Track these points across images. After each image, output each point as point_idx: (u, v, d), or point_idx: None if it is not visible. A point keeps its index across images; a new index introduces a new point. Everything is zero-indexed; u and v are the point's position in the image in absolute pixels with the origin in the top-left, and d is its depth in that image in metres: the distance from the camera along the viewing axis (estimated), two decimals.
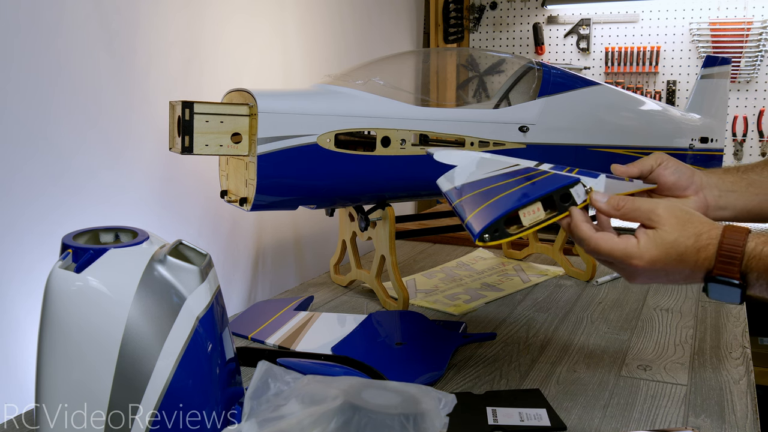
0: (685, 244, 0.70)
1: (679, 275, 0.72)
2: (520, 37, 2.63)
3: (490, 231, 0.71)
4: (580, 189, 0.74)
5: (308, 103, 1.04)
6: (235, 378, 0.77)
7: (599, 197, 0.76)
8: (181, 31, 1.16)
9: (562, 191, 0.74)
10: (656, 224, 0.72)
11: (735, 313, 1.21)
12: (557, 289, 1.38)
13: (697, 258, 0.70)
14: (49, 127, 0.93)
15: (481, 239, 0.71)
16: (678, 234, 0.70)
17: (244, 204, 1.04)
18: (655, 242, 0.71)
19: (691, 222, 0.72)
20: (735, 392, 0.89)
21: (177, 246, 0.70)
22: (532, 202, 0.73)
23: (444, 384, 0.93)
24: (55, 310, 0.64)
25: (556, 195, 0.73)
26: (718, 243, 0.69)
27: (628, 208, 0.74)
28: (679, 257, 0.70)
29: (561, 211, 0.74)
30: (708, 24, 2.39)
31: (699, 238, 0.70)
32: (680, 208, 0.74)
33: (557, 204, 0.74)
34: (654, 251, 0.71)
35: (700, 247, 0.70)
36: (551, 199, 0.74)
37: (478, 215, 0.73)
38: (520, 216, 0.72)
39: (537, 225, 0.73)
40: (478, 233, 0.71)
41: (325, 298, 1.32)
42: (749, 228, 0.70)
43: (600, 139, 1.31)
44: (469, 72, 1.43)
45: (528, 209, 0.72)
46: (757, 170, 0.91)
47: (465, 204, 0.78)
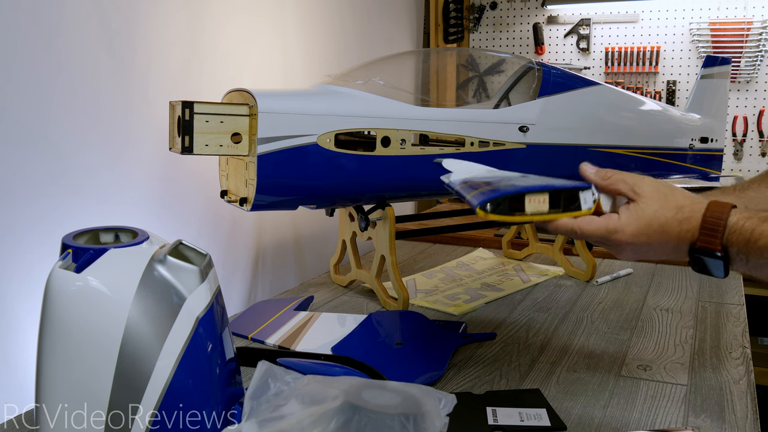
0: (666, 216, 0.72)
1: (664, 248, 0.73)
2: (520, 37, 2.63)
3: (494, 203, 0.71)
4: (589, 195, 0.75)
5: (308, 103, 1.04)
6: (235, 378, 0.77)
7: (588, 167, 0.77)
8: (181, 31, 1.16)
9: (572, 192, 0.74)
10: (638, 197, 0.73)
11: (735, 313, 1.21)
12: (557, 289, 1.38)
13: (680, 230, 0.71)
14: (49, 127, 0.93)
15: (483, 208, 0.71)
16: (659, 206, 0.72)
17: (244, 204, 1.04)
18: (636, 215, 0.72)
19: (673, 195, 0.73)
20: (735, 392, 0.89)
21: (177, 246, 0.70)
22: (541, 192, 0.73)
23: (444, 384, 0.93)
24: (55, 310, 0.64)
25: (565, 194, 0.74)
26: (702, 215, 0.70)
27: (615, 179, 0.75)
28: (661, 228, 0.72)
29: (564, 210, 0.74)
30: (708, 24, 2.39)
31: (681, 210, 0.72)
32: (663, 183, 0.75)
33: (563, 203, 0.74)
34: (635, 223, 0.72)
35: (682, 218, 0.71)
36: (558, 196, 0.74)
37: (483, 191, 0.73)
38: (525, 201, 0.72)
39: (537, 216, 0.73)
40: (481, 201, 0.71)
41: (325, 298, 1.32)
42: (733, 204, 0.71)
43: (600, 139, 1.31)
44: (469, 72, 1.43)
45: (534, 197, 0.72)
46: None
47: (469, 187, 0.78)
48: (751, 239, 0.67)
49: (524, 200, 0.72)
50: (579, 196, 0.74)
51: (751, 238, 0.67)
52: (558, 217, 0.74)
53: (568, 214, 0.74)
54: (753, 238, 0.67)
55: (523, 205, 0.72)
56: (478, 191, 0.74)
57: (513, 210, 0.72)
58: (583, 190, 0.74)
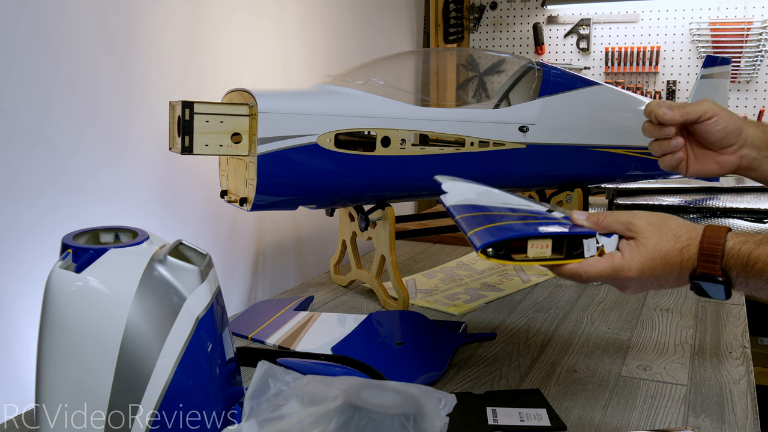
0: (666, 246, 0.72)
1: (668, 278, 0.74)
2: (520, 37, 2.63)
3: (496, 247, 0.71)
4: (593, 243, 0.74)
5: (308, 103, 1.04)
6: (235, 378, 0.77)
7: (579, 215, 0.78)
8: (181, 30, 1.16)
9: (575, 239, 0.74)
10: (635, 234, 0.74)
11: (735, 313, 1.21)
12: (557, 289, 1.38)
13: (681, 258, 0.72)
14: (48, 127, 0.93)
15: (485, 252, 0.71)
16: (657, 238, 0.73)
17: (244, 204, 1.04)
18: (638, 250, 0.73)
19: (667, 225, 0.74)
20: (735, 392, 0.89)
21: (177, 246, 0.70)
22: (545, 238, 0.73)
23: (444, 384, 0.93)
24: (55, 310, 0.64)
25: (569, 240, 0.74)
26: (699, 242, 0.71)
27: (607, 222, 0.76)
28: (664, 260, 0.72)
29: (567, 257, 0.74)
30: (708, 24, 2.39)
31: (678, 239, 0.72)
32: (654, 214, 0.76)
33: (565, 249, 0.74)
34: (639, 258, 0.72)
35: (681, 247, 0.72)
36: (561, 243, 0.74)
37: (486, 230, 0.73)
38: (528, 245, 0.72)
39: (538, 261, 0.73)
40: (483, 244, 0.70)
41: (325, 298, 1.32)
42: (728, 227, 0.72)
43: (600, 139, 1.31)
44: (469, 72, 1.43)
45: (538, 242, 0.72)
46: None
47: (470, 219, 0.78)
48: (749, 263, 0.68)
49: (527, 245, 0.72)
50: (582, 243, 0.74)
51: (748, 263, 0.68)
52: (561, 262, 0.74)
53: (571, 261, 0.74)
54: (750, 263, 0.68)
55: (525, 249, 0.72)
56: (480, 229, 0.73)
57: (515, 254, 0.72)
58: (587, 236, 0.74)
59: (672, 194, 1.93)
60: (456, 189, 0.92)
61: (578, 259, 0.74)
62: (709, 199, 1.89)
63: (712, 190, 1.93)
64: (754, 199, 1.86)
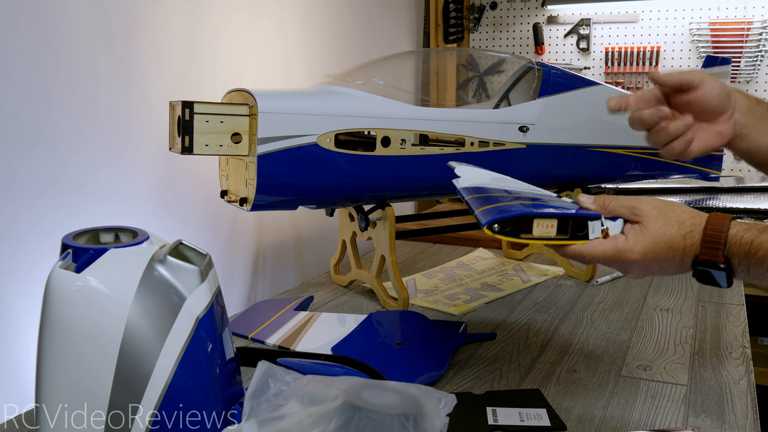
0: (670, 231, 0.73)
1: (671, 263, 0.74)
2: (520, 37, 2.63)
3: (501, 224, 0.71)
4: (598, 226, 0.75)
5: (308, 103, 1.04)
6: (235, 378, 0.77)
7: (585, 198, 0.78)
8: (181, 30, 1.16)
9: (581, 220, 0.74)
10: (640, 218, 0.74)
11: (735, 313, 1.21)
12: (557, 289, 1.38)
13: (684, 244, 0.72)
14: (48, 127, 0.93)
15: (490, 227, 0.71)
16: (662, 223, 0.73)
17: (244, 204, 1.04)
18: (642, 234, 0.73)
19: (672, 210, 0.75)
20: (735, 392, 0.89)
21: (177, 246, 0.70)
22: (550, 217, 0.73)
23: (444, 384, 0.93)
24: (55, 310, 0.64)
25: (574, 221, 0.74)
26: (703, 229, 0.72)
27: (613, 206, 0.76)
28: (667, 244, 0.73)
29: (572, 237, 0.74)
30: (708, 24, 2.39)
31: (682, 224, 0.73)
32: (660, 200, 0.77)
33: (570, 230, 0.74)
34: (642, 242, 0.73)
35: (685, 233, 0.73)
36: (566, 223, 0.74)
37: (494, 208, 0.73)
38: (533, 224, 0.72)
39: (543, 240, 0.74)
40: (489, 221, 0.71)
41: (325, 298, 1.32)
42: (732, 215, 0.73)
43: (600, 139, 1.31)
44: (469, 72, 1.43)
45: (543, 222, 0.73)
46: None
47: (480, 199, 0.78)
48: (751, 250, 0.69)
49: (532, 223, 0.72)
50: (588, 224, 0.74)
51: (750, 250, 0.69)
52: (565, 243, 0.74)
53: (576, 243, 0.74)
54: (752, 249, 0.69)
55: (530, 227, 0.72)
56: (488, 207, 0.74)
57: (520, 232, 0.72)
58: (593, 218, 0.75)
59: (672, 194, 1.93)
60: (469, 173, 0.93)
61: (583, 240, 0.74)
62: (709, 199, 1.89)
63: (712, 190, 1.93)
64: (754, 199, 1.86)
